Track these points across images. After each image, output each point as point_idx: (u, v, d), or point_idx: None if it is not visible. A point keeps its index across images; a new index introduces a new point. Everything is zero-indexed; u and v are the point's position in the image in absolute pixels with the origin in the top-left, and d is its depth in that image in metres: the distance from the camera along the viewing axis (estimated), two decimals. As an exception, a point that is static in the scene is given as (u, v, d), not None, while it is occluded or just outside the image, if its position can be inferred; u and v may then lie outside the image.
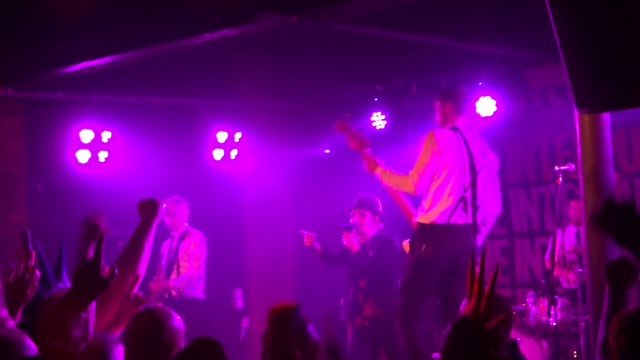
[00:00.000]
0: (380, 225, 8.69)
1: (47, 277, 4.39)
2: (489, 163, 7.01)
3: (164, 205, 9.55)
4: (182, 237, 9.55)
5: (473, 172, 6.88)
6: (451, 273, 6.80)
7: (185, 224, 9.60)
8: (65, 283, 4.42)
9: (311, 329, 4.06)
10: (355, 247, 8.51)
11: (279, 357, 3.82)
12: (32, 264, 4.45)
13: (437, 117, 7.17)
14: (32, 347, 3.14)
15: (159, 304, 9.27)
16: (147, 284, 9.25)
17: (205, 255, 9.50)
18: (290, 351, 3.81)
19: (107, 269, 3.53)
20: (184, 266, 9.42)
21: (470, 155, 6.93)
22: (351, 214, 8.68)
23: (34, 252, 4.52)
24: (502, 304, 4.66)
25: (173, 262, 9.46)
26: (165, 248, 9.69)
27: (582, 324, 8.00)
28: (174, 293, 9.37)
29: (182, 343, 3.91)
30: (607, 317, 3.86)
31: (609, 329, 3.70)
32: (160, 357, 3.82)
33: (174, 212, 9.55)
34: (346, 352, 8.35)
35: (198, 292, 9.55)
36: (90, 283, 3.51)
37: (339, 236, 8.75)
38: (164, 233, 9.98)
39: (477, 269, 3.42)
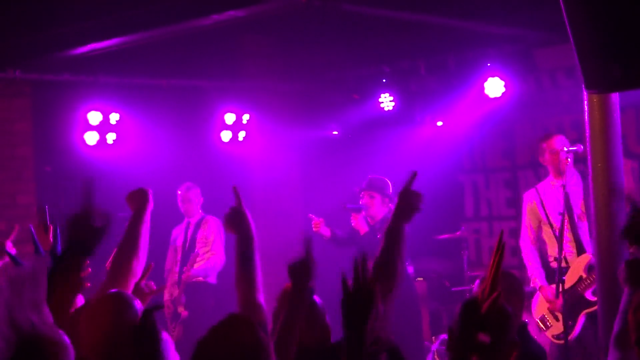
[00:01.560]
0: (391, 206, 8.68)
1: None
2: None
3: (179, 192, 9.57)
4: (199, 224, 9.59)
5: None
6: None
7: (200, 210, 9.60)
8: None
9: (320, 309, 4.14)
10: (364, 228, 8.51)
11: (289, 332, 3.92)
12: (51, 238, 4.48)
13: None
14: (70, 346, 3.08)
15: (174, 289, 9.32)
16: (157, 272, 9.28)
17: (224, 241, 9.54)
18: (299, 327, 3.92)
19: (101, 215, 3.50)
20: (204, 252, 9.46)
21: None
22: (361, 195, 8.70)
23: (51, 226, 4.56)
24: (516, 285, 4.65)
25: (191, 249, 9.49)
26: (179, 235, 9.68)
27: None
28: (200, 279, 9.41)
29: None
30: (623, 313, 3.82)
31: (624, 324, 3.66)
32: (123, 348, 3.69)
33: (189, 199, 9.62)
34: None
35: (211, 277, 9.61)
36: (85, 232, 3.49)
37: (348, 217, 8.75)
38: (174, 219, 9.99)
39: (495, 253, 3.41)
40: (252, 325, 3.23)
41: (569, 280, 7.14)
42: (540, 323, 7.45)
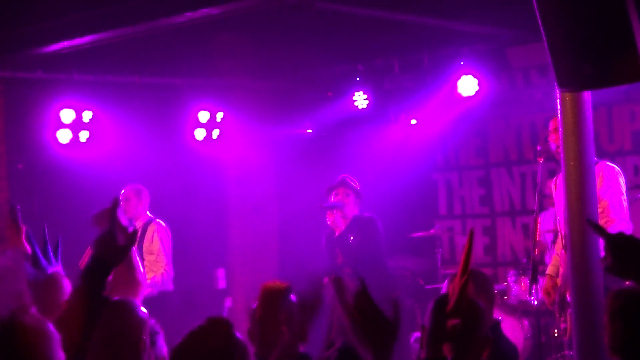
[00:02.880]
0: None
1: (38, 259, 4.36)
2: None
3: (122, 191, 9.28)
4: (145, 228, 9.14)
5: None
6: None
7: (148, 213, 9.10)
8: (56, 266, 4.40)
9: (298, 309, 4.13)
10: (340, 227, 8.47)
11: (267, 331, 3.92)
12: (24, 239, 4.44)
13: None
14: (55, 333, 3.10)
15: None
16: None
17: (170, 248, 8.97)
18: (278, 326, 3.91)
19: (129, 231, 3.51)
20: (149, 260, 9.01)
21: None
22: (334, 193, 8.58)
23: (24, 227, 4.51)
24: (485, 283, 4.67)
25: (140, 256, 9.02)
26: None
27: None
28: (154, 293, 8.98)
29: (147, 336, 3.86)
30: None
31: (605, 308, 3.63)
32: (128, 352, 3.77)
33: (129, 199, 9.13)
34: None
35: (166, 285, 9.18)
36: (109, 251, 3.49)
37: (321, 216, 8.71)
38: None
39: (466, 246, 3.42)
40: (229, 327, 3.23)
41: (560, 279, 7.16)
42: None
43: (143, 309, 3.89)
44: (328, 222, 8.52)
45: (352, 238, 8.32)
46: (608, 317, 3.48)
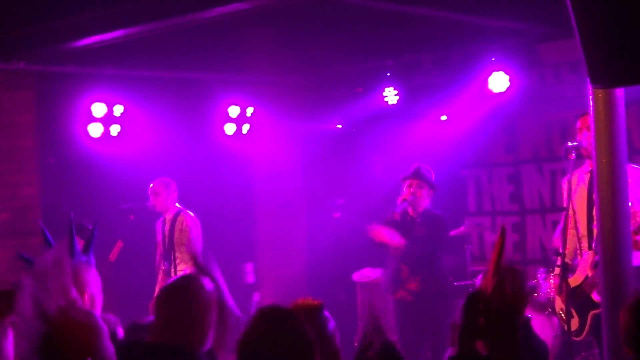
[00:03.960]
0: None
1: (73, 248, 4.40)
2: None
3: (151, 185, 9.35)
4: (174, 220, 9.19)
5: None
6: None
7: (177, 205, 9.17)
8: (90, 259, 4.43)
9: (332, 327, 3.94)
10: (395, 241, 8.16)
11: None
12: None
13: None
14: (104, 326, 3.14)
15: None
16: (153, 267, 9.16)
17: (199, 237, 9.05)
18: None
19: None
20: (181, 251, 9.07)
21: None
22: (408, 184, 8.24)
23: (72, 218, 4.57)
24: (518, 279, 4.65)
25: (170, 249, 9.14)
26: (158, 231, 9.31)
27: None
28: None
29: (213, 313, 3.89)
30: None
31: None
32: (192, 328, 3.81)
33: (158, 192, 9.17)
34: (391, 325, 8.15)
35: None
36: None
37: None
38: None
39: (497, 248, 3.41)
40: (293, 314, 3.23)
41: (578, 278, 7.10)
42: (561, 316, 7.36)
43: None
44: (405, 197, 8.17)
45: (422, 231, 8.15)
46: (621, 312, 3.51)
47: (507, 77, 9.80)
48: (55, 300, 3.02)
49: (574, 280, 7.04)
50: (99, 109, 10.11)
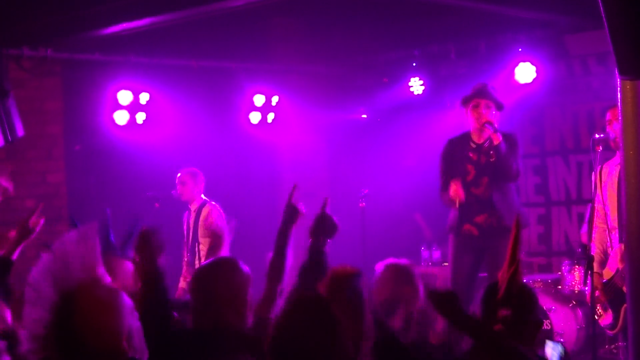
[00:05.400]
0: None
1: (109, 242, 4.44)
2: None
3: (178, 174, 9.38)
4: (199, 211, 9.20)
5: None
6: None
7: (202, 196, 9.18)
8: (126, 253, 4.47)
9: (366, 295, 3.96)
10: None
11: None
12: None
13: None
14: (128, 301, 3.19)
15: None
16: (178, 257, 9.17)
17: (224, 229, 8.97)
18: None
19: None
20: (204, 242, 9.09)
21: None
22: (473, 104, 7.73)
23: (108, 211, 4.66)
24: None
25: (194, 241, 9.16)
26: (184, 222, 9.35)
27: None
28: None
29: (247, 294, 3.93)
30: None
31: None
32: (224, 309, 3.88)
33: (183, 182, 9.13)
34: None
35: None
36: None
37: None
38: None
39: (514, 234, 3.41)
40: (325, 302, 3.24)
41: (609, 271, 7.06)
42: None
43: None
44: (489, 120, 7.63)
45: (494, 157, 7.62)
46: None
47: (534, 68, 9.75)
48: (76, 275, 3.03)
49: (606, 274, 7.00)
50: (125, 96, 10.15)
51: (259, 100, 10.96)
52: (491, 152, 7.65)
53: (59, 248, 3.12)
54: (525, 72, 9.78)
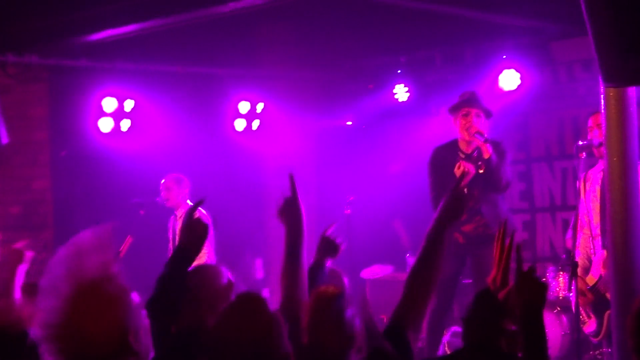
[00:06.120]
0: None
1: None
2: None
3: (162, 180, 9.33)
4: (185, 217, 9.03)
5: None
6: None
7: (188, 202, 9.12)
8: None
9: (350, 314, 3.92)
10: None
11: (314, 338, 3.79)
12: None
13: None
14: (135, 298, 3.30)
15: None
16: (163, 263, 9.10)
17: (212, 238, 8.88)
18: (328, 335, 3.76)
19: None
20: None
21: None
22: (462, 113, 7.68)
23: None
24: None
25: None
26: (169, 227, 9.32)
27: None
28: None
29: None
30: None
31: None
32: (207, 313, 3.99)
33: (170, 188, 9.10)
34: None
35: None
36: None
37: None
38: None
39: (507, 240, 3.42)
40: (262, 301, 3.27)
41: (592, 278, 7.08)
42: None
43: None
44: (479, 130, 7.53)
45: (492, 155, 7.51)
46: (628, 319, 3.47)
47: (518, 75, 9.78)
48: (90, 272, 3.08)
49: (589, 280, 7.02)
50: (109, 103, 10.13)
51: (243, 107, 10.95)
52: (480, 163, 7.58)
53: (75, 243, 3.19)
54: (509, 79, 9.81)
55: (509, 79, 9.81)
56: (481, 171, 7.55)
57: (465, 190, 7.35)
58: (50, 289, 3.08)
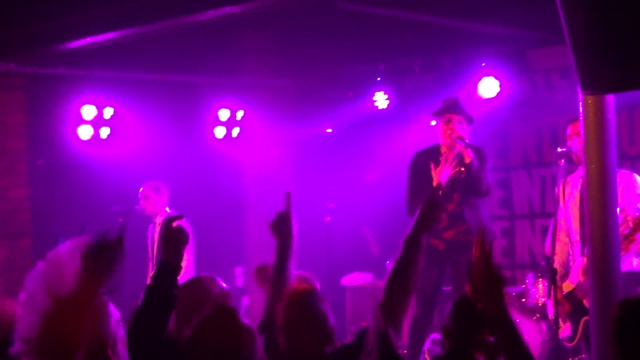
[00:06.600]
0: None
1: None
2: None
3: (140, 189, 9.27)
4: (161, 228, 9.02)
5: None
6: None
7: (167, 209, 9.09)
8: None
9: (325, 308, 3.95)
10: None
11: (291, 336, 3.81)
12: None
13: None
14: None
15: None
16: (142, 272, 9.09)
17: (192, 245, 8.71)
18: (302, 332, 3.79)
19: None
20: None
21: None
22: (446, 118, 7.71)
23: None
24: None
25: (159, 254, 8.90)
26: (148, 236, 9.25)
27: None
28: None
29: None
30: None
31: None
32: None
33: (147, 196, 9.07)
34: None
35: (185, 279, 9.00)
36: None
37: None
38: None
39: (487, 247, 3.42)
40: (234, 314, 3.29)
41: (570, 284, 7.10)
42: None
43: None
44: (460, 136, 7.58)
45: (464, 173, 7.59)
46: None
47: (497, 82, 9.82)
48: (69, 284, 3.07)
49: (566, 287, 7.04)
50: (88, 111, 10.10)
51: (223, 114, 10.94)
52: (461, 168, 7.62)
53: (54, 257, 3.19)
54: (488, 87, 9.85)
55: (488, 87, 9.85)
56: (463, 176, 7.61)
57: (442, 195, 7.42)
58: (29, 303, 3.07)
